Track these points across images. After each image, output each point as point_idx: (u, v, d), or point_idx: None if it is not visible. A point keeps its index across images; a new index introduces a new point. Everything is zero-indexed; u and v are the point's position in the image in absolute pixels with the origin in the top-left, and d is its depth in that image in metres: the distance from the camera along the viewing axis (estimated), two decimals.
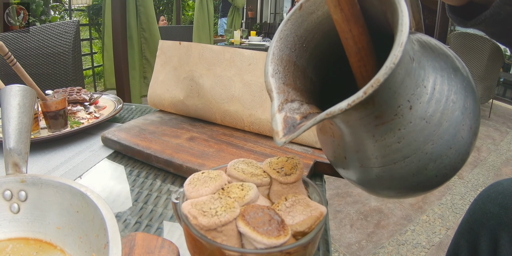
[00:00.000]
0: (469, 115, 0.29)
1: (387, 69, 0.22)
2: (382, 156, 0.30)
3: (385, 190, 0.34)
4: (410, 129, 0.28)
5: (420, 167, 0.30)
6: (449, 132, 0.28)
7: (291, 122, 0.29)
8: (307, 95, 0.33)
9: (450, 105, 0.28)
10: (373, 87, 0.23)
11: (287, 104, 0.31)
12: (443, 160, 0.29)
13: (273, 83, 0.32)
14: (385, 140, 0.29)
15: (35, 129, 0.81)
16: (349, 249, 1.72)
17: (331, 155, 0.38)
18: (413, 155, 0.29)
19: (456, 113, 0.28)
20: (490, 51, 3.53)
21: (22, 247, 0.41)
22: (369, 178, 0.34)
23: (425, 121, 0.28)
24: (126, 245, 0.42)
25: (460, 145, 0.29)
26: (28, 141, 0.50)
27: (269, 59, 0.33)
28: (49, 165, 0.68)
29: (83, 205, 0.40)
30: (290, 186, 0.34)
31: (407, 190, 0.33)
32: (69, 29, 1.79)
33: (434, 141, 0.28)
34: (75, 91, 1.01)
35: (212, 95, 0.77)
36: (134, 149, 0.68)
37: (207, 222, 0.27)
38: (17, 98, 0.53)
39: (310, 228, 0.29)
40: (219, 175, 0.33)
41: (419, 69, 0.27)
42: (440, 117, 0.28)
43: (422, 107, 0.27)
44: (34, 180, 0.44)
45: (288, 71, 0.33)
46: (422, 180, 0.31)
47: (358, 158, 0.33)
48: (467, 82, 0.30)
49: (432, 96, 0.28)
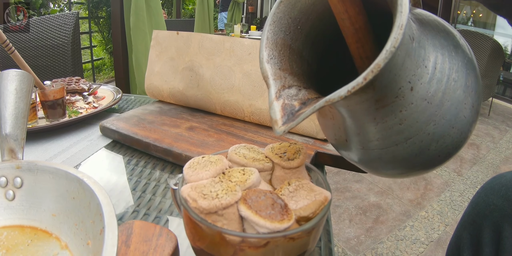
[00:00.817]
0: (471, 93, 0.28)
1: (387, 53, 0.21)
2: (383, 138, 0.29)
3: (387, 170, 0.34)
4: (411, 110, 0.27)
5: (422, 148, 0.29)
6: (451, 111, 0.28)
7: (289, 110, 0.28)
8: (305, 79, 0.32)
9: (451, 84, 0.27)
10: (374, 73, 0.22)
11: (284, 91, 0.30)
12: (446, 140, 0.29)
13: (269, 69, 0.31)
14: (386, 122, 0.28)
15: (33, 118, 0.80)
16: (347, 244, 1.72)
17: (331, 137, 0.37)
18: (415, 136, 0.28)
19: (457, 92, 0.28)
20: (491, 49, 3.52)
21: (16, 235, 0.40)
22: (371, 159, 0.33)
23: (427, 101, 0.27)
24: (123, 233, 0.41)
25: (462, 124, 0.29)
26: (24, 127, 0.49)
27: (263, 44, 0.32)
28: (46, 154, 0.67)
29: (80, 191, 0.39)
30: (293, 171, 0.33)
31: (410, 169, 0.32)
32: (69, 21, 1.78)
33: (436, 121, 0.28)
34: (74, 81, 1.00)
35: (212, 85, 0.76)
36: (133, 138, 0.67)
37: (207, 205, 0.25)
38: (14, 83, 0.52)
39: (314, 213, 0.28)
40: (220, 160, 0.32)
41: (419, 48, 0.26)
42: (441, 97, 0.27)
43: (423, 88, 0.26)
44: (30, 166, 0.43)
45: (284, 56, 0.32)
46: (424, 160, 0.30)
47: (360, 141, 0.32)
48: (468, 59, 0.29)
49: (433, 76, 0.27)
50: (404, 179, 2.43)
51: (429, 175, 2.53)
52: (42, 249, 0.38)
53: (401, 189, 2.30)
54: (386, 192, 2.24)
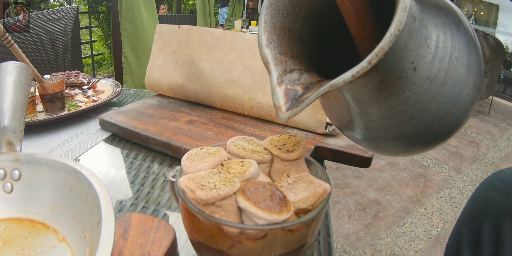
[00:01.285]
0: (473, 70, 0.28)
1: (391, 37, 0.21)
2: (387, 119, 0.29)
3: (391, 149, 0.34)
4: (414, 90, 0.27)
5: (426, 127, 0.29)
6: (454, 90, 0.27)
7: (292, 95, 0.28)
8: (305, 61, 0.32)
9: (454, 63, 0.27)
10: (378, 57, 0.21)
11: (286, 76, 0.29)
12: (449, 118, 0.29)
13: (269, 54, 0.30)
14: (389, 103, 0.28)
15: (32, 112, 0.80)
16: (346, 240, 1.72)
17: (334, 119, 0.37)
18: (419, 115, 0.28)
19: (460, 70, 0.27)
20: (492, 47, 3.51)
21: (14, 228, 0.40)
22: (374, 139, 0.33)
23: (430, 81, 0.26)
24: (121, 226, 0.41)
25: (465, 102, 0.28)
26: (23, 119, 0.49)
27: (261, 28, 0.31)
28: (45, 147, 0.67)
29: (77, 183, 0.38)
30: (292, 164, 0.33)
31: (413, 148, 0.32)
32: (68, 15, 1.77)
33: (439, 100, 0.27)
34: (73, 75, 1.00)
35: (211, 79, 0.76)
36: (132, 131, 0.66)
37: (205, 196, 0.25)
38: (13, 75, 0.52)
39: (313, 206, 0.27)
40: (219, 151, 0.32)
41: (422, 28, 0.26)
42: (444, 76, 0.27)
43: (426, 68, 0.26)
44: (28, 158, 0.42)
45: (283, 39, 0.32)
46: (428, 138, 0.30)
47: (363, 122, 0.32)
48: (469, 36, 0.29)
49: (435, 55, 0.26)
50: (404, 176, 2.43)
51: (428, 172, 2.53)
52: (39, 242, 0.38)
53: (401, 185, 2.30)
54: (386, 188, 2.24)
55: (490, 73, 3.69)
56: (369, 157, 0.61)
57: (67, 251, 0.37)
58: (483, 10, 6.56)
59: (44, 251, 0.37)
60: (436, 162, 2.72)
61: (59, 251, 0.37)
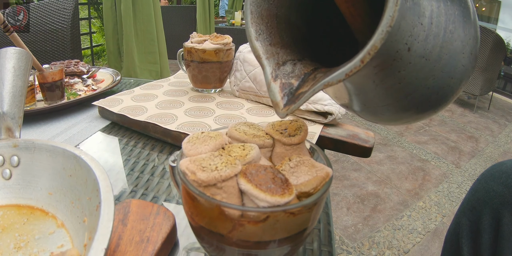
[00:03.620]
0: (469, 41, 0.27)
1: (383, 34, 0.20)
2: (384, 97, 0.29)
3: (390, 121, 0.34)
4: (410, 69, 0.26)
5: (423, 101, 0.29)
6: (450, 63, 0.27)
7: (288, 89, 0.27)
8: (297, 48, 0.32)
9: (448, 37, 0.26)
10: (371, 55, 0.21)
11: (279, 69, 0.29)
12: (445, 90, 0.28)
13: (260, 48, 0.30)
14: (385, 83, 0.28)
15: (31, 101, 0.79)
16: (345, 232, 1.73)
17: (332, 96, 0.37)
18: (415, 92, 0.28)
19: (455, 43, 0.27)
20: (492, 43, 3.50)
21: (13, 214, 0.40)
22: (373, 114, 0.33)
23: (425, 58, 0.26)
24: (120, 211, 0.41)
25: (461, 73, 0.28)
26: (22, 105, 0.49)
27: (248, 20, 0.31)
28: (44, 135, 0.67)
29: (76, 168, 0.38)
30: (294, 148, 0.32)
31: (412, 119, 0.32)
32: (68, 5, 1.75)
33: (435, 75, 0.27)
34: (73, 64, 0.99)
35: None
36: (131, 119, 0.66)
37: (206, 177, 0.25)
38: (12, 61, 0.51)
39: (315, 189, 0.27)
40: (220, 135, 0.31)
41: (414, 6, 0.25)
42: (439, 51, 0.26)
43: (420, 46, 0.25)
44: (27, 144, 0.42)
45: (272, 28, 0.31)
46: (426, 109, 0.30)
47: (360, 100, 0.32)
48: (463, 5, 0.28)
49: (429, 32, 0.25)
50: (403, 170, 2.44)
51: (427, 166, 2.54)
52: (38, 228, 0.38)
53: (399, 179, 2.30)
54: (385, 181, 2.24)
55: (490, 69, 3.69)
56: (369, 147, 0.60)
57: (66, 236, 0.37)
58: (485, 6, 6.54)
59: (43, 237, 0.37)
60: (435, 156, 2.72)
61: (57, 236, 0.37)
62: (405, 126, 3.31)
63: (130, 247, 0.36)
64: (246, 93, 0.76)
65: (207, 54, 0.75)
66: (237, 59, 0.78)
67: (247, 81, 0.75)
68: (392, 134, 3.07)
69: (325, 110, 0.65)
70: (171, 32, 4.24)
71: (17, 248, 0.36)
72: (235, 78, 0.78)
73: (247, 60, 0.75)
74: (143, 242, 0.36)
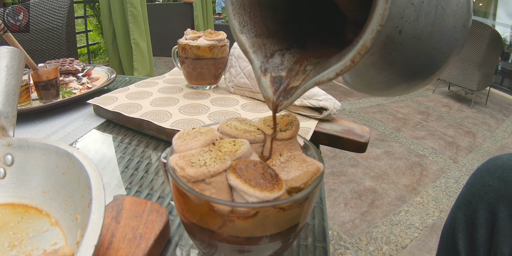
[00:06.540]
0: (461, 14, 0.26)
1: (374, 33, 0.20)
2: (376, 76, 0.29)
3: (388, 94, 0.34)
4: (401, 50, 0.26)
5: (415, 77, 0.29)
6: (442, 40, 0.26)
7: (279, 83, 0.27)
8: (284, 35, 0.31)
9: (440, 14, 0.25)
10: (361, 55, 0.21)
11: (268, 62, 0.29)
12: (438, 65, 0.28)
13: (246, 41, 0.29)
14: (377, 65, 0.27)
15: (26, 100, 0.79)
16: (342, 227, 1.73)
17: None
18: (408, 71, 0.28)
19: (447, 19, 0.26)
20: (489, 38, 3.50)
21: (7, 213, 0.40)
22: (368, 89, 0.33)
23: (416, 38, 0.25)
24: (113, 209, 0.41)
25: (454, 46, 0.28)
26: (15, 104, 0.48)
27: (229, 11, 0.30)
28: (39, 134, 0.67)
29: (69, 166, 0.38)
30: (285, 143, 0.32)
31: (405, 91, 0.32)
32: (63, 3, 1.75)
33: (428, 53, 0.27)
34: (68, 62, 0.98)
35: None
36: (126, 116, 0.66)
37: (194, 172, 0.25)
38: (5, 60, 0.51)
39: (306, 184, 0.27)
40: (210, 131, 0.31)
41: None
42: (431, 30, 0.25)
43: (411, 27, 0.24)
44: (21, 143, 0.42)
45: (255, 17, 0.31)
46: (418, 82, 0.30)
47: (354, 80, 0.32)
48: None
49: (420, 11, 0.24)
50: (400, 165, 2.44)
51: (425, 161, 2.54)
52: (32, 226, 0.38)
53: (397, 174, 2.31)
54: (382, 177, 2.25)
55: (487, 64, 3.69)
56: (364, 142, 0.60)
57: (59, 234, 0.37)
58: (482, 1, 6.53)
59: (37, 235, 0.37)
60: (432, 151, 2.73)
61: (51, 234, 0.37)
62: (402, 122, 3.30)
63: (123, 244, 0.36)
64: (241, 89, 0.76)
65: (202, 50, 0.75)
66: (231, 55, 0.78)
67: (241, 77, 0.75)
68: (389, 130, 3.08)
69: (320, 105, 0.65)
70: (168, 30, 4.23)
71: (11, 247, 0.36)
72: (229, 74, 0.78)
73: (242, 56, 0.75)
74: (136, 239, 0.36)
